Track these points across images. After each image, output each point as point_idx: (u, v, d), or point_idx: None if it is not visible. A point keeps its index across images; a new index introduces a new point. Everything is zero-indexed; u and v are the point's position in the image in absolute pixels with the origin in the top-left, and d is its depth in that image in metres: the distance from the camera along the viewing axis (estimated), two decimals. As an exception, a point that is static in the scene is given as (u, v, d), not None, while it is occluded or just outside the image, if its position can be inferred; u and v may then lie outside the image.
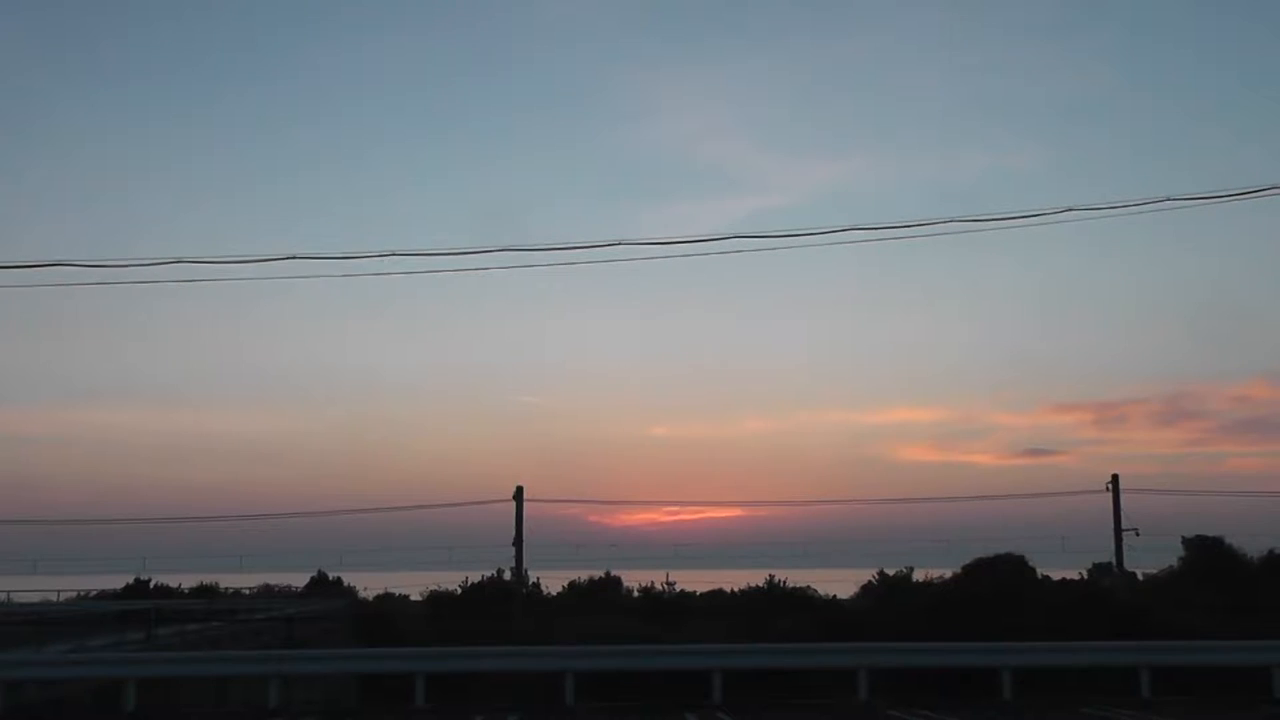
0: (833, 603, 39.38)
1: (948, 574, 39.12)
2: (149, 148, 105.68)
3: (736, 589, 42.92)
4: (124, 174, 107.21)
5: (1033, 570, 40.75)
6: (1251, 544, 40.91)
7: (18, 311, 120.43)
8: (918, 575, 39.35)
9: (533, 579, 42.33)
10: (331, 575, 52.70)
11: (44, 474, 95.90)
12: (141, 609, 29.90)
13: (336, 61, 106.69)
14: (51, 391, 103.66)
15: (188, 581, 50.37)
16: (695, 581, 45.17)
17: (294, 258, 18.20)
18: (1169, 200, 17.88)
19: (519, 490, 39.06)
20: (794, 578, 40.72)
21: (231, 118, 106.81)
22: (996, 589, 33.03)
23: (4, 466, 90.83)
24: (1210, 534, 41.96)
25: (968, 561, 39.75)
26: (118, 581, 48.11)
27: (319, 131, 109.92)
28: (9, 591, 44.91)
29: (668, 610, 38.54)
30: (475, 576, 41.43)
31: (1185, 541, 42.42)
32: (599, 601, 41.51)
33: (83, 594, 46.36)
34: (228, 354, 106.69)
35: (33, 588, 45.23)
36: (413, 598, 45.62)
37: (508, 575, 40.18)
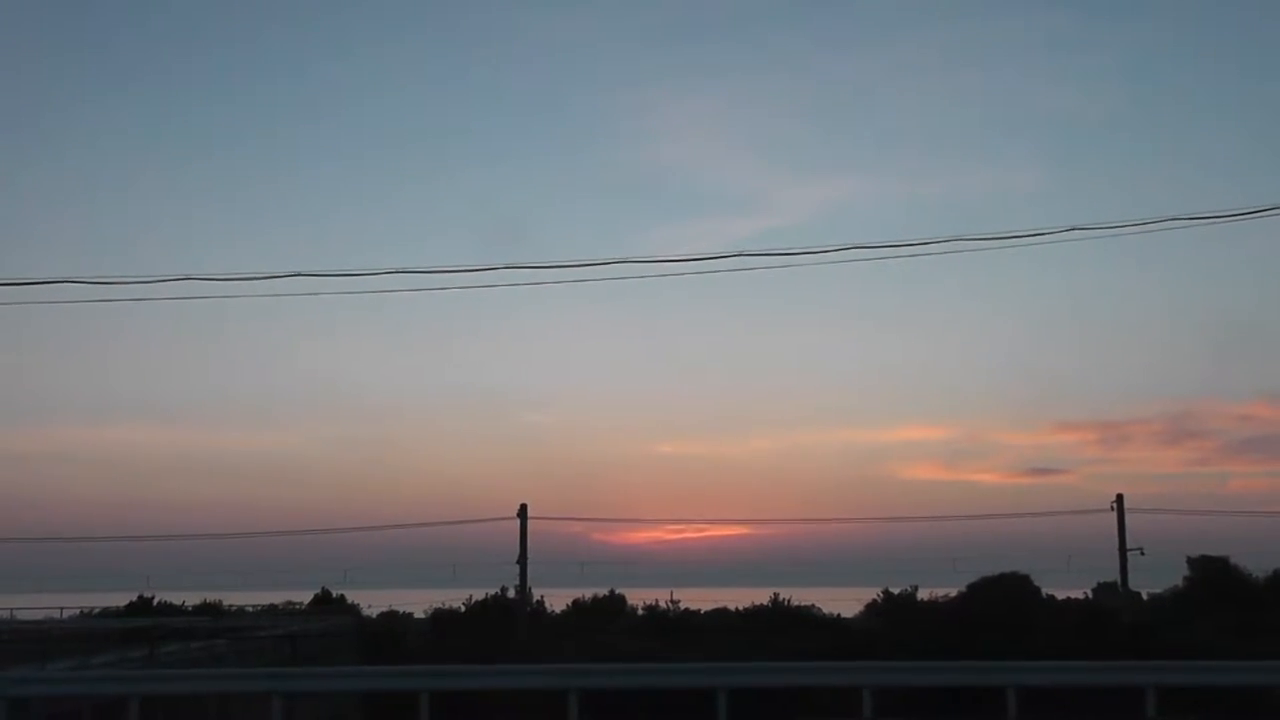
0: (837, 621, 39.32)
1: (953, 593, 39.08)
2: (153, 162, 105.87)
3: (741, 607, 42.84)
4: (128, 189, 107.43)
5: (1037, 589, 40.68)
6: (1256, 563, 40.89)
7: (20, 328, 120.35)
8: (922, 594, 39.31)
9: (537, 597, 42.32)
10: (335, 593, 52.59)
11: (47, 491, 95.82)
12: (145, 626, 29.87)
13: (341, 79, 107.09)
14: (54, 409, 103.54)
15: (191, 599, 50.27)
16: (700, 600, 45.06)
17: (299, 275, 18.25)
18: (1173, 219, 17.87)
19: (523, 508, 39.10)
20: (798, 596, 40.73)
21: (241, 135, 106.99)
22: (1001, 608, 33.02)
23: (6, 483, 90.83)
24: (1215, 554, 41.90)
25: (973, 580, 39.74)
26: (121, 599, 47.98)
27: (326, 149, 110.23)
28: (12, 609, 44.90)
29: (672, 628, 38.47)
30: (479, 594, 41.46)
31: (1190, 561, 42.35)
32: (603, 619, 41.46)
33: (86, 611, 46.30)
34: (233, 370, 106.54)
35: (36, 605, 45.19)
36: (417, 615, 45.57)
37: (512, 593, 40.17)
